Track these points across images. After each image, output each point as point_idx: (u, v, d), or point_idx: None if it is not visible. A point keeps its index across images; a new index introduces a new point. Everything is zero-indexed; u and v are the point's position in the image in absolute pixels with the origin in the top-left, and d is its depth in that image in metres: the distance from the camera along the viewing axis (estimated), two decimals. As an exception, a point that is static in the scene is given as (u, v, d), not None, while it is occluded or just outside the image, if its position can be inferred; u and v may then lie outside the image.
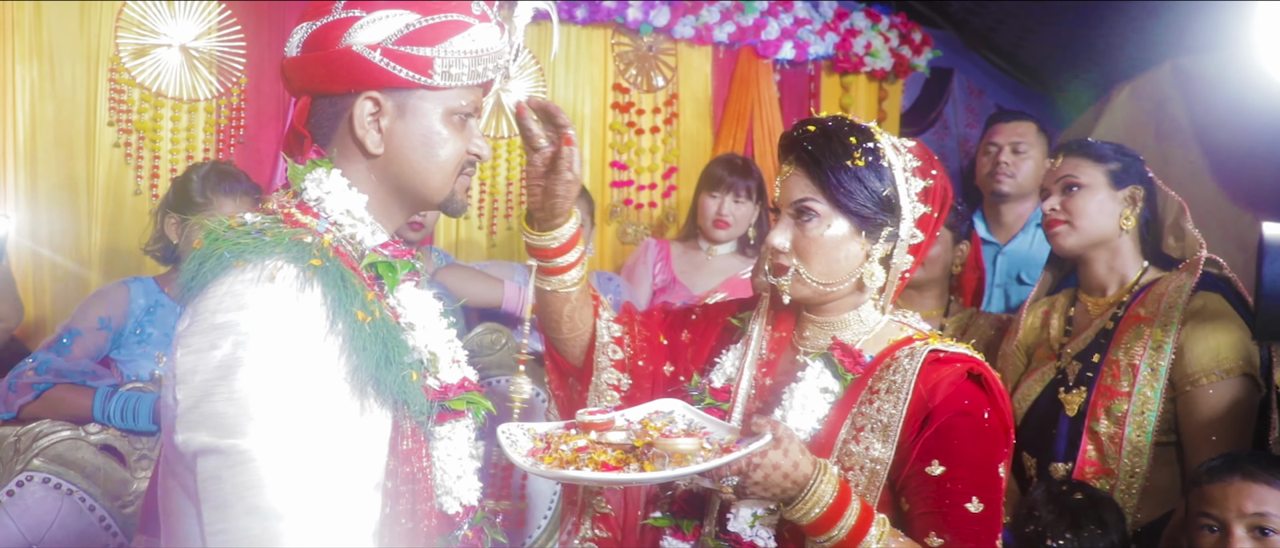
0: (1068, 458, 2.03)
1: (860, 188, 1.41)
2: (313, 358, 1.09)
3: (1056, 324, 2.23)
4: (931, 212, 1.46)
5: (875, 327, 1.49)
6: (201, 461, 1.07)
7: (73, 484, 2.10)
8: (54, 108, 2.99)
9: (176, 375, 1.09)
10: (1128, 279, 2.13)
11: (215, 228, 1.14)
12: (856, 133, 1.43)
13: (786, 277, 1.45)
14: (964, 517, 1.35)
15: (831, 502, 1.31)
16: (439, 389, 1.24)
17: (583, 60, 3.86)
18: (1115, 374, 2.01)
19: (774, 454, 1.29)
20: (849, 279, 1.45)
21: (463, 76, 1.25)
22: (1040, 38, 4.92)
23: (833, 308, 1.49)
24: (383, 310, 1.17)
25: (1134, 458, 1.97)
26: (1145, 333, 2.00)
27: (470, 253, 3.67)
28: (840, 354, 1.45)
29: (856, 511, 1.32)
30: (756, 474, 1.29)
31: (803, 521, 1.32)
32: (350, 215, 1.23)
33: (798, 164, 1.45)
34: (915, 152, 1.47)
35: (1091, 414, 2.01)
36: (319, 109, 1.26)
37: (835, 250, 1.43)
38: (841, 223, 1.43)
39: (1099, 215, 2.11)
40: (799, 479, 1.30)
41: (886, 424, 1.38)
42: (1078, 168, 2.13)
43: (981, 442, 1.38)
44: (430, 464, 1.23)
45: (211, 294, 1.09)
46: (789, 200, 1.45)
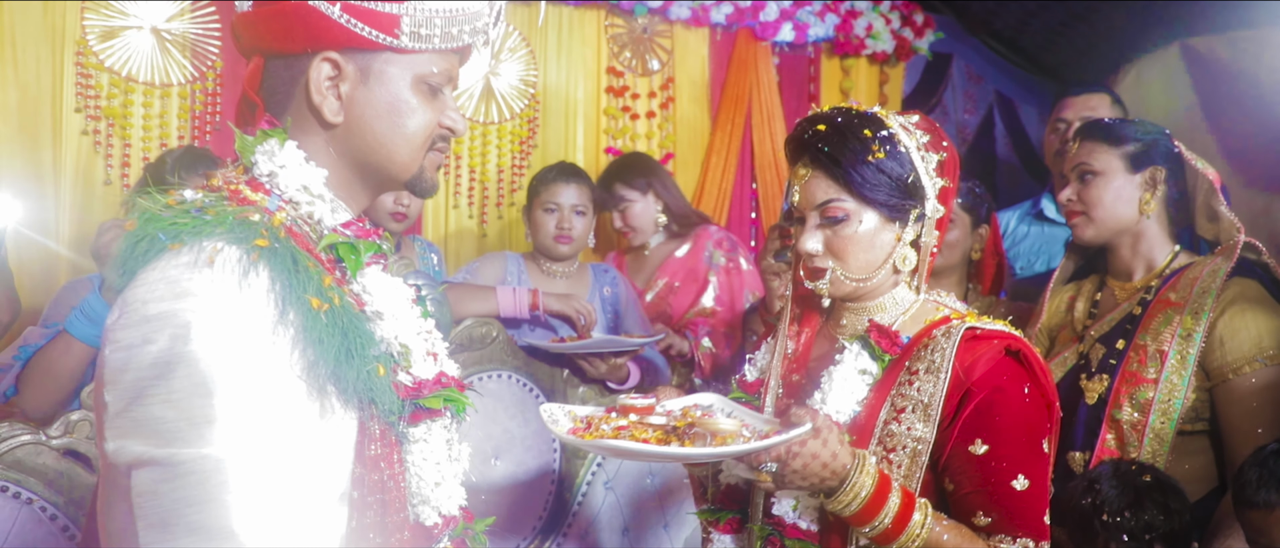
0: (1085, 447, 1.95)
1: (884, 179, 1.41)
2: (261, 353, 0.96)
3: (1081, 308, 2.14)
4: (949, 184, 1.47)
5: (910, 307, 1.49)
6: (137, 474, 0.94)
7: (32, 492, 1.95)
8: (17, 94, 2.84)
9: (106, 375, 0.96)
10: (1156, 263, 2.04)
11: (150, 207, 1.01)
12: (868, 124, 1.43)
13: (825, 279, 1.46)
14: (1010, 494, 1.35)
15: (871, 494, 1.30)
16: (412, 386, 1.11)
17: (575, 42, 3.74)
18: (1141, 361, 1.93)
19: (813, 444, 1.28)
20: (885, 268, 1.45)
21: (434, 38, 1.11)
22: (1041, 22, 4.86)
23: (868, 294, 1.49)
24: (343, 297, 1.04)
25: (1156, 447, 1.89)
26: (1175, 319, 1.92)
27: (461, 244, 3.56)
28: (877, 336, 1.44)
29: (898, 500, 1.32)
30: (795, 463, 1.28)
31: (843, 512, 1.32)
32: (307, 192, 1.10)
33: (815, 166, 1.44)
34: (922, 126, 1.47)
35: (1113, 402, 1.93)
36: (272, 72, 1.12)
37: (870, 244, 1.43)
38: (871, 216, 1.43)
39: (1116, 204, 2.02)
40: (837, 470, 1.30)
41: (927, 404, 1.37)
42: (1092, 153, 2.04)
43: (1024, 418, 1.37)
44: (402, 471, 1.11)
45: (143, 282, 0.96)
46: (812, 203, 1.44)
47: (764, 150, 4.05)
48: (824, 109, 1.47)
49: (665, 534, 2.62)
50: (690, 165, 3.98)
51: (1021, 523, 1.35)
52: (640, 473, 2.61)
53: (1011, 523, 1.35)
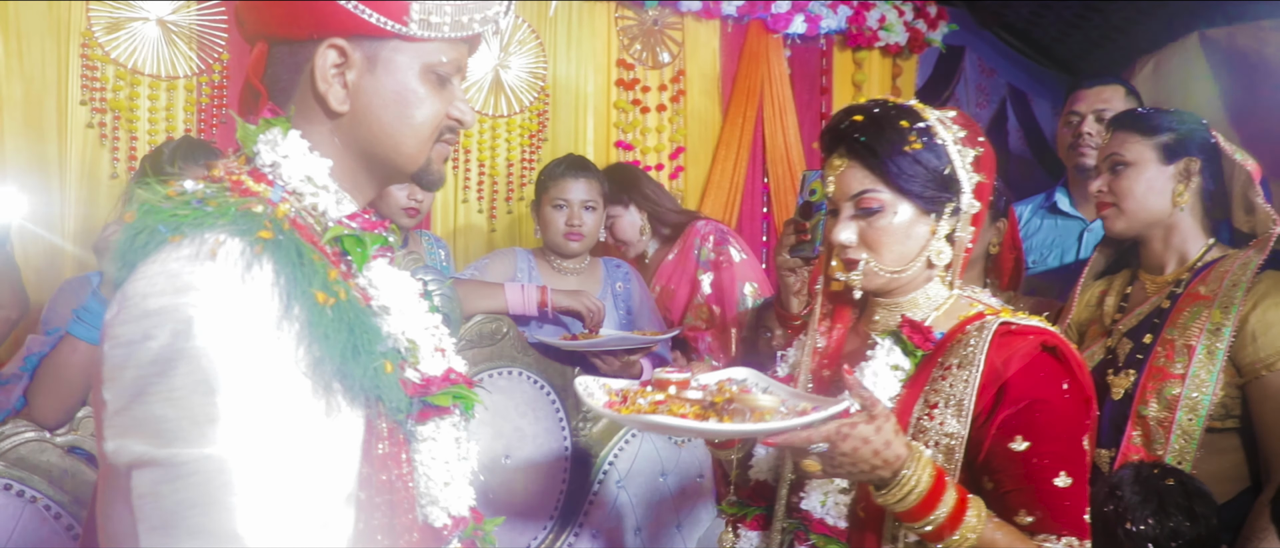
0: (1111, 444, 1.91)
1: (921, 170, 1.40)
2: (265, 349, 0.93)
3: (1111, 302, 2.10)
4: (985, 179, 1.45)
5: (944, 303, 1.47)
6: (137, 474, 0.91)
7: (37, 490, 1.94)
8: (22, 87, 2.81)
9: (104, 373, 0.93)
10: (1189, 257, 2.00)
11: (150, 198, 0.97)
12: (905, 115, 1.42)
13: (857, 271, 1.44)
14: (1053, 492, 1.32)
15: (927, 490, 1.26)
16: (420, 383, 1.08)
17: (584, 35, 3.70)
18: (1169, 355, 1.89)
19: (864, 428, 1.24)
20: (919, 261, 1.44)
21: (444, 26, 1.08)
22: (1054, 14, 4.83)
23: (901, 289, 1.47)
24: (349, 292, 1.00)
25: (1183, 444, 1.85)
26: (1203, 313, 1.88)
27: (470, 239, 3.53)
28: (909, 331, 1.43)
29: (953, 498, 1.28)
30: (845, 446, 1.24)
31: (897, 507, 1.28)
32: (311, 183, 1.06)
33: (851, 156, 1.43)
34: (959, 121, 1.46)
35: (1140, 397, 1.89)
36: (276, 58, 1.09)
37: (904, 237, 1.42)
38: (906, 208, 1.42)
39: (1148, 195, 1.98)
40: (890, 460, 1.25)
41: (960, 400, 1.35)
42: (1124, 144, 2.00)
43: (1063, 415, 1.35)
44: (411, 471, 1.07)
45: (143, 275, 0.93)
46: (847, 194, 1.44)
47: (775, 144, 4.01)
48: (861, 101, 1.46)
49: (678, 534, 2.59)
50: (701, 159, 3.93)
51: (1065, 521, 1.32)
52: (653, 473, 2.58)
53: (1055, 521, 1.32)
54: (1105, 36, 4.87)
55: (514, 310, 2.49)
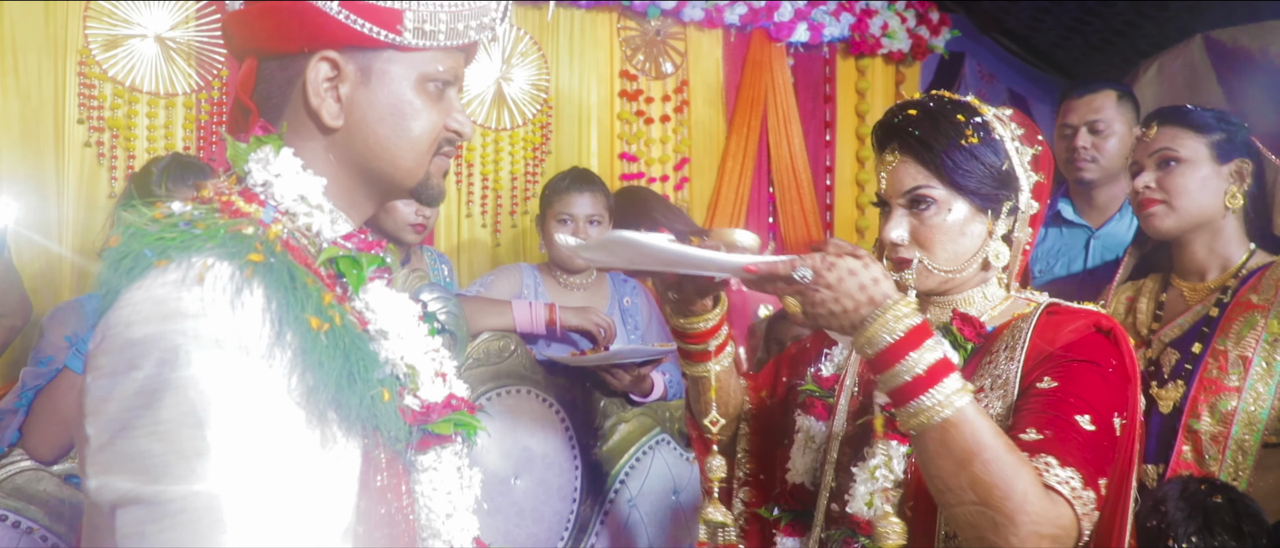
0: (1159, 459, 1.85)
1: (977, 165, 1.36)
2: (257, 378, 0.88)
3: (1145, 308, 2.03)
4: (1043, 179, 1.42)
5: (1001, 304, 1.42)
6: (122, 513, 0.86)
7: (33, 521, 1.91)
8: (18, 105, 2.79)
9: (87, 406, 0.88)
10: (1232, 262, 1.94)
11: (135, 221, 0.93)
12: (961, 109, 1.39)
13: (910, 270, 1.38)
14: (1072, 426, 1.20)
15: (910, 329, 1.14)
16: (420, 410, 1.03)
17: (587, 46, 3.69)
18: (1222, 367, 1.82)
19: (852, 261, 1.17)
20: (975, 262, 1.39)
21: (439, 35, 1.04)
22: (1054, 19, 4.84)
23: (956, 289, 1.42)
24: (345, 316, 0.96)
25: (1238, 460, 1.79)
26: (1259, 323, 1.81)
27: (474, 255, 3.50)
28: (959, 324, 1.38)
29: (935, 354, 1.14)
30: (830, 274, 1.16)
31: (870, 347, 1.16)
32: (305, 202, 1.02)
33: (904, 151, 1.39)
34: (1017, 120, 1.42)
35: (1190, 411, 1.83)
36: (266, 74, 1.05)
37: (959, 235, 1.37)
38: (962, 205, 1.37)
39: (1201, 194, 1.91)
40: (877, 298, 1.16)
41: (1005, 381, 1.30)
42: (1176, 139, 1.92)
43: (1103, 382, 1.26)
44: (411, 502, 1.02)
45: (127, 302, 0.88)
46: (900, 190, 1.39)
47: (780, 153, 4.00)
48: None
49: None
50: (706, 170, 3.92)
51: (1077, 458, 1.17)
52: (665, 491, 2.53)
53: (1065, 449, 1.18)
54: (1105, 41, 4.86)
55: (522, 329, 2.45)
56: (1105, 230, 2.70)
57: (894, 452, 1.35)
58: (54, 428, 1.86)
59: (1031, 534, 1.11)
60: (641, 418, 2.52)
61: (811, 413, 1.49)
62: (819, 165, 4.15)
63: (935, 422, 1.12)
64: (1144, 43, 4.65)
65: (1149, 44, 4.45)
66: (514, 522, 2.33)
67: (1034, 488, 1.13)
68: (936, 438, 1.13)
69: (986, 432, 1.13)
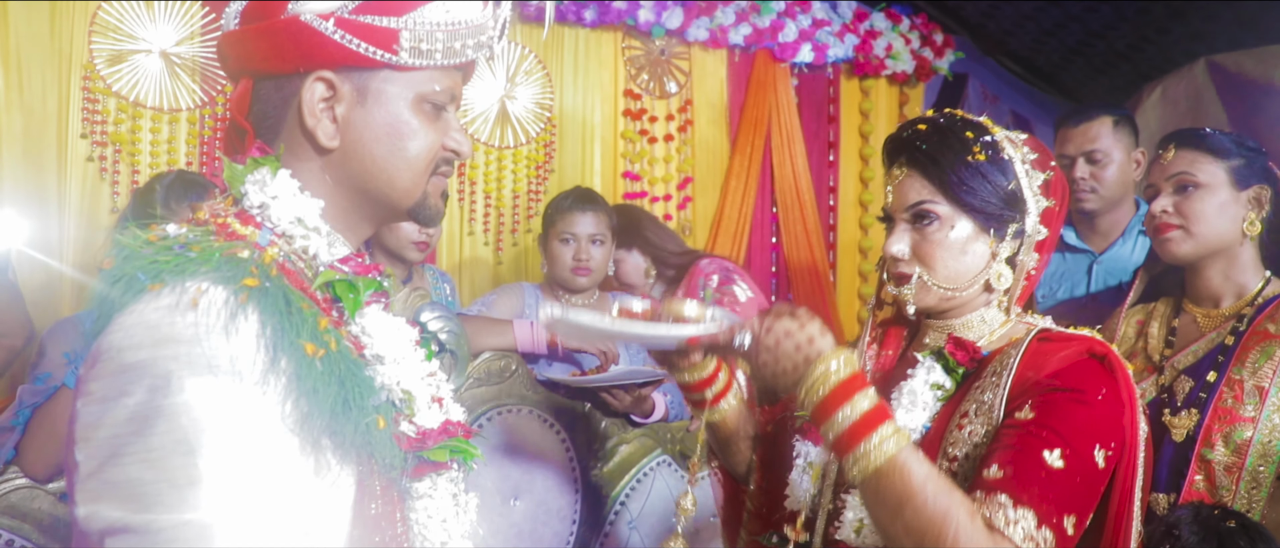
0: (1171, 489, 1.82)
1: (984, 184, 1.35)
2: (250, 406, 0.86)
3: (1156, 333, 2.00)
4: (1054, 205, 1.39)
5: (1000, 329, 1.40)
6: (111, 542, 0.84)
7: (27, 539, 1.89)
8: (22, 119, 2.80)
9: (77, 432, 0.86)
10: (1247, 290, 1.91)
11: (130, 243, 0.92)
12: (971, 127, 1.38)
13: (910, 285, 1.39)
14: (1036, 463, 1.18)
15: (844, 379, 1.18)
16: (416, 437, 1.01)
17: (592, 65, 3.70)
18: (1238, 396, 1.79)
19: (788, 321, 1.22)
20: (976, 282, 1.38)
21: (436, 54, 1.03)
22: (1058, 42, 4.84)
23: (955, 310, 1.41)
24: (340, 341, 0.94)
25: (1252, 492, 1.76)
26: (1276, 353, 1.79)
27: (476, 272, 3.49)
28: (953, 348, 1.37)
29: (870, 402, 1.17)
30: (768, 338, 1.21)
31: (810, 400, 1.20)
32: (301, 225, 1.00)
33: (912, 166, 1.39)
34: (1030, 144, 1.40)
35: (1204, 440, 1.80)
36: (261, 94, 1.04)
37: (961, 253, 1.36)
38: (965, 223, 1.36)
39: (1219, 219, 1.88)
40: (811, 356, 1.20)
41: (989, 407, 1.28)
42: (1194, 164, 1.90)
43: (1087, 411, 1.23)
44: (406, 531, 1.01)
45: (119, 327, 0.87)
46: (904, 205, 1.39)
47: (784, 173, 4.00)
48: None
49: (690, 577, 2.52)
50: (709, 189, 3.92)
51: (1035, 496, 1.16)
52: (666, 513, 2.51)
53: (1022, 489, 1.16)
54: (1108, 63, 4.86)
55: (523, 349, 2.44)
56: (1108, 255, 2.68)
57: None
58: (51, 446, 1.85)
59: None
60: (643, 439, 2.51)
61: (809, 438, 1.47)
62: (822, 185, 4.14)
63: (870, 470, 1.14)
64: (1147, 66, 4.65)
65: (1152, 67, 4.45)
66: (513, 542, 2.31)
67: (969, 526, 1.12)
68: (872, 486, 1.16)
69: (918, 477, 1.13)
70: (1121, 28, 4.57)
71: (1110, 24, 4.60)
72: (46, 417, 1.84)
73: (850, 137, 4.21)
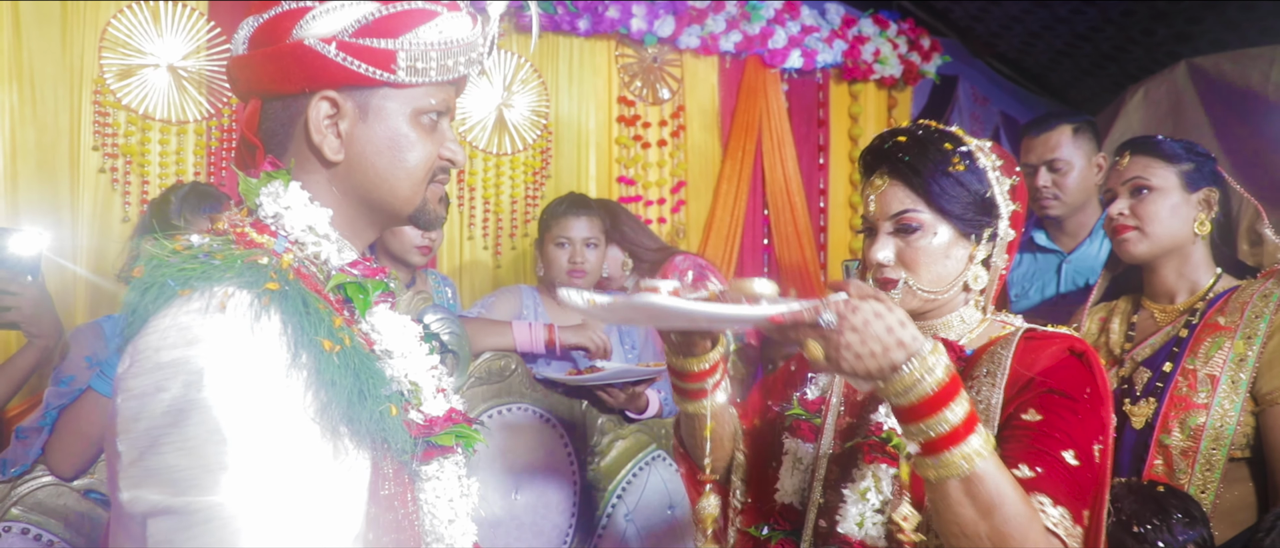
0: (1132, 472, 1.91)
1: (962, 192, 1.41)
2: (275, 397, 0.95)
3: (1118, 329, 2.10)
4: (1019, 209, 1.46)
5: (978, 327, 1.47)
6: (153, 523, 0.92)
7: (54, 534, 1.97)
8: (35, 132, 2.87)
9: (118, 425, 0.95)
10: (1199, 286, 2.02)
11: (158, 253, 1.00)
12: (948, 138, 1.44)
13: (896, 290, 1.44)
14: (1060, 463, 1.23)
15: (944, 382, 1.11)
16: (423, 424, 1.10)
17: (586, 73, 3.77)
18: (1192, 385, 1.90)
19: (876, 303, 1.12)
20: (956, 285, 1.44)
21: (431, 72, 1.11)
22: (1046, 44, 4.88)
23: (937, 311, 1.47)
24: (353, 338, 1.03)
25: (1206, 474, 1.86)
26: (1225, 343, 1.89)
27: (475, 276, 3.57)
28: None
29: (966, 408, 1.12)
30: (855, 317, 1.10)
31: (903, 399, 1.12)
32: (313, 232, 1.09)
33: (893, 176, 1.44)
34: (996, 151, 1.47)
35: (1162, 426, 1.90)
36: (270, 113, 1.13)
37: (943, 258, 1.42)
38: (946, 230, 1.42)
39: (1172, 220, 1.99)
40: (906, 341, 1.10)
41: (986, 407, 1.33)
42: (1148, 169, 2.01)
43: (1082, 414, 1.30)
44: (417, 509, 1.09)
45: (154, 329, 0.95)
46: (887, 213, 1.44)
47: (775, 177, 4.06)
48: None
49: (685, 566, 2.60)
50: (702, 193, 3.98)
51: (1065, 493, 1.20)
52: (661, 505, 2.58)
53: (1056, 487, 1.20)
54: (1095, 65, 4.91)
55: (522, 348, 2.51)
56: (1076, 255, 2.77)
57: (883, 473, 1.39)
58: (77, 446, 1.92)
59: None
60: (637, 435, 2.57)
61: (798, 435, 1.52)
62: (813, 188, 4.21)
63: (961, 474, 1.12)
64: (1133, 67, 4.70)
65: (1138, 68, 4.49)
66: (514, 534, 2.38)
67: (1042, 537, 1.15)
68: (959, 489, 1.13)
69: (1007, 485, 1.13)
70: (1107, 30, 4.63)
71: (1096, 26, 4.66)
72: (72, 417, 1.91)
73: (840, 140, 4.26)
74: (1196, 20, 4.29)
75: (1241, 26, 4.19)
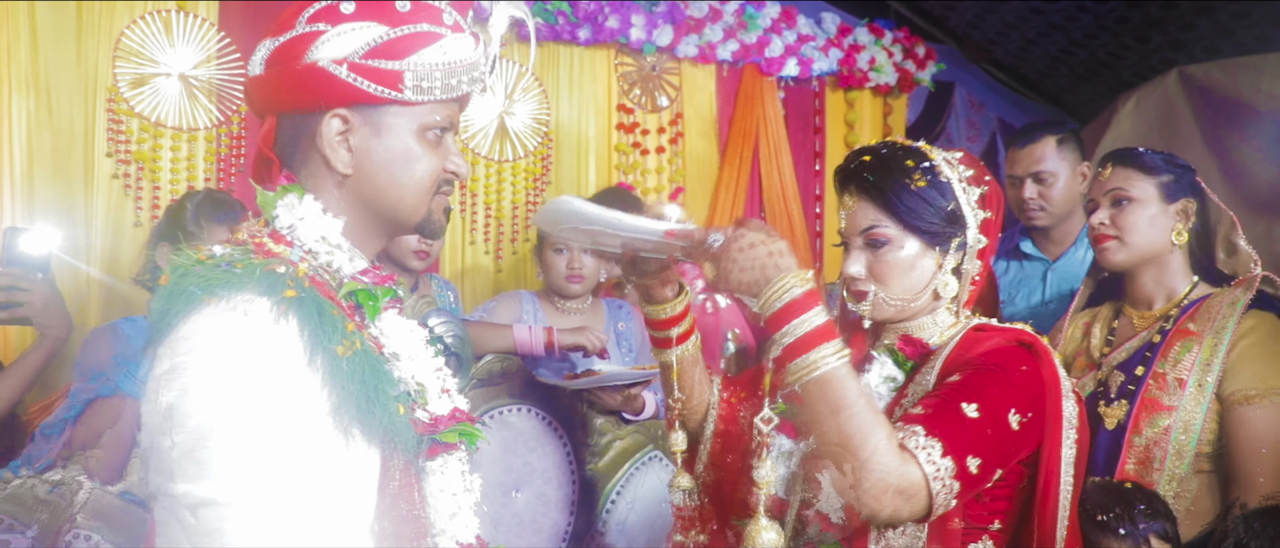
0: (1106, 471, 1.98)
1: (926, 206, 1.47)
2: (293, 396, 1.03)
3: (1098, 334, 2.17)
4: (991, 216, 1.53)
5: (950, 329, 1.54)
6: (202, 512, 1.00)
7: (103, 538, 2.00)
8: (52, 140, 2.94)
9: (155, 424, 1.03)
10: (1176, 293, 2.08)
11: (183, 263, 1.08)
12: (911, 155, 1.51)
13: (867, 302, 1.52)
14: (954, 410, 1.33)
15: (800, 295, 1.30)
16: (429, 422, 1.17)
17: (586, 81, 3.83)
18: (1161, 387, 1.96)
19: (758, 234, 1.33)
20: (925, 293, 1.52)
21: (435, 90, 1.19)
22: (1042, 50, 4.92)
23: (909, 317, 1.55)
24: (364, 342, 1.11)
25: (1175, 473, 1.93)
26: (1194, 348, 1.96)
27: (477, 280, 3.63)
28: (902, 345, 1.52)
29: (818, 320, 1.30)
30: (740, 241, 1.32)
31: (769, 309, 1.32)
32: (326, 242, 1.17)
33: (860, 194, 1.52)
34: (965, 161, 1.53)
35: (1133, 427, 1.97)
36: (285, 130, 1.20)
37: (910, 269, 1.50)
38: (912, 242, 1.49)
39: (1150, 230, 2.05)
40: (782, 265, 1.31)
41: (924, 387, 1.43)
42: (1128, 180, 2.07)
43: (1007, 378, 1.38)
44: (422, 502, 1.17)
45: (181, 334, 1.03)
46: (857, 230, 1.52)
47: (772, 183, 4.10)
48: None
49: (681, 563, 2.65)
50: (700, 199, 4.03)
51: (946, 432, 1.30)
52: (659, 501, 2.63)
53: (936, 426, 1.30)
54: (1090, 71, 4.96)
55: (522, 350, 2.55)
56: (1061, 263, 2.82)
57: None
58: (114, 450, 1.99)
59: (878, 482, 1.26)
60: (635, 436, 2.61)
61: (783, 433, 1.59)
62: (809, 194, 4.25)
63: (814, 377, 1.28)
64: (1128, 73, 4.75)
65: (1133, 74, 4.53)
66: (515, 532, 2.43)
67: (887, 444, 1.27)
68: (815, 391, 1.29)
69: (854, 392, 1.29)
70: (1102, 36, 4.68)
71: (1091, 33, 4.70)
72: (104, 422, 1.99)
73: (836, 146, 4.29)
74: (1190, 27, 4.34)
75: (1235, 33, 4.24)
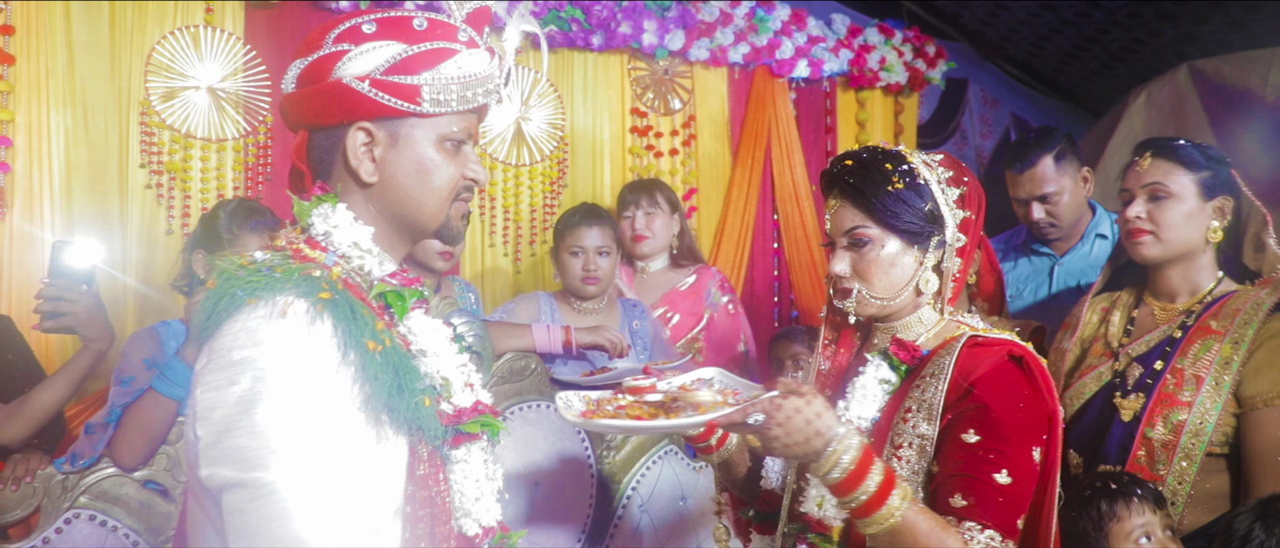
0: (1118, 461, 2.00)
1: (904, 208, 1.53)
2: (328, 389, 1.11)
3: (1118, 322, 2.15)
4: (970, 215, 1.58)
5: (934, 327, 1.60)
6: (226, 495, 1.09)
7: (118, 521, 2.13)
8: (88, 152, 3.03)
9: (197, 413, 1.11)
10: (1201, 289, 2.06)
11: (227, 267, 1.16)
12: (890, 159, 1.56)
13: (851, 299, 1.59)
14: (991, 485, 1.40)
15: (856, 462, 1.34)
16: (453, 413, 1.25)
17: (600, 86, 3.89)
18: (1178, 383, 1.97)
19: (796, 401, 1.34)
20: (907, 290, 1.57)
21: (452, 102, 1.27)
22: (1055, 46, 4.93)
23: (894, 314, 1.60)
24: (393, 339, 1.19)
25: (1185, 467, 1.94)
26: (1214, 346, 1.96)
27: (496, 282, 3.69)
28: (896, 348, 1.56)
29: (879, 477, 1.35)
30: (779, 415, 1.33)
31: (827, 478, 1.36)
32: (358, 247, 1.26)
33: (843, 196, 1.58)
34: (945, 163, 1.59)
35: (1147, 420, 1.97)
36: (315, 143, 1.29)
37: (891, 267, 1.56)
38: (893, 242, 1.55)
39: (1187, 228, 2.02)
40: (822, 431, 1.34)
41: (930, 404, 1.47)
42: (1167, 174, 2.03)
43: (1019, 420, 1.44)
44: (447, 488, 1.24)
45: (227, 332, 1.12)
46: (841, 230, 1.58)
47: (784, 183, 4.14)
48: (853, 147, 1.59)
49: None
50: (713, 200, 4.08)
51: (995, 515, 1.38)
52: (673, 497, 2.68)
53: (985, 512, 1.38)
54: (1104, 66, 4.97)
55: (541, 349, 2.62)
56: (1068, 258, 2.84)
57: None
58: (139, 441, 2.09)
59: None
60: (650, 431, 2.70)
61: None
62: (820, 194, 4.30)
63: (890, 525, 1.34)
64: (1141, 67, 4.76)
65: (1146, 68, 4.53)
66: (535, 524, 2.49)
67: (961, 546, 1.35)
68: (887, 540, 1.36)
69: (924, 527, 1.35)
70: (1115, 31, 4.70)
71: (1104, 28, 4.72)
72: (135, 416, 2.09)
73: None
74: (1202, 20, 4.36)
75: (1247, 25, 4.26)
